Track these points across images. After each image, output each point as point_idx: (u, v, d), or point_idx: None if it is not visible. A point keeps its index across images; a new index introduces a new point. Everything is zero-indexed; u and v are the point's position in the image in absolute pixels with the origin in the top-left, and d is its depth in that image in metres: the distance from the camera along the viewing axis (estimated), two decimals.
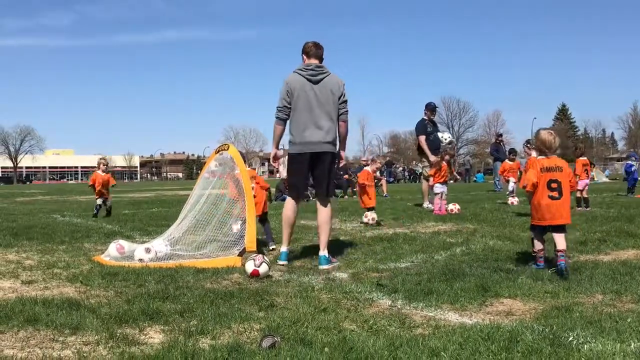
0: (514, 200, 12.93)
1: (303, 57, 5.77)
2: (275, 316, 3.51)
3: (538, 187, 5.01)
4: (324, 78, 5.61)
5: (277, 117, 5.71)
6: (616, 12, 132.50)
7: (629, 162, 16.60)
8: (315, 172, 5.76)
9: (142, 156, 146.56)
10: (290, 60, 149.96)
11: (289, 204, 5.86)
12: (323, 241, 5.60)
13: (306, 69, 5.62)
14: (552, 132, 5.23)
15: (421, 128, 12.13)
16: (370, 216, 9.07)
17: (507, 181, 13.78)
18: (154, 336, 3.20)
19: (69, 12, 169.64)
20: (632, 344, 2.85)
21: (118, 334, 3.17)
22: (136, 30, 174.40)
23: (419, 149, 12.28)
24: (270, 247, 6.60)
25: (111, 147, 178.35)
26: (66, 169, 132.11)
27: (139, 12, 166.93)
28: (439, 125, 13.45)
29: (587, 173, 11.69)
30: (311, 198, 17.05)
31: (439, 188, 10.84)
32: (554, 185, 4.97)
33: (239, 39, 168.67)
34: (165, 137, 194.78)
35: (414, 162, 50.80)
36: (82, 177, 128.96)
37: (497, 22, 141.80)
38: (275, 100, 5.71)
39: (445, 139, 12.02)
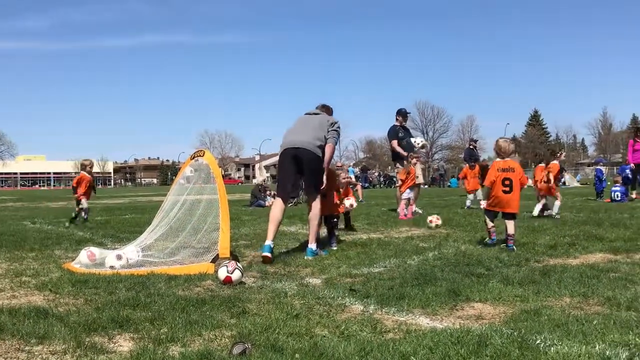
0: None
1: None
2: (247, 323, 3.49)
3: (495, 183, 6.57)
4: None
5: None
6: (585, 20, 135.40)
7: (599, 167, 16.96)
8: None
9: (115, 162, 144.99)
10: (266, 65, 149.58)
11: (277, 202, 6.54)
12: (311, 234, 6.37)
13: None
14: (507, 140, 6.90)
15: (392, 133, 12.23)
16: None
17: (471, 192, 13.92)
18: (124, 344, 3.17)
19: (45, 15, 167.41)
20: (597, 345, 2.91)
21: (86, 343, 3.12)
22: (112, 34, 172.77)
23: (394, 154, 12.36)
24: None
25: (84, 152, 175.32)
26: (38, 175, 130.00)
27: (115, 16, 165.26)
28: (413, 130, 13.57)
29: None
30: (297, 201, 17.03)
31: (407, 194, 10.96)
32: (507, 182, 6.54)
33: (215, 44, 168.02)
34: (139, 142, 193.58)
35: (389, 168, 51.12)
36: (54, 183, 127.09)
37: (471, 29, 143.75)
38: (252, 105, 5.97)
39: (418, 144, 12.13)
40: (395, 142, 12.06)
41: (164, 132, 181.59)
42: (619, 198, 14.30)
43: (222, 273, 4.74)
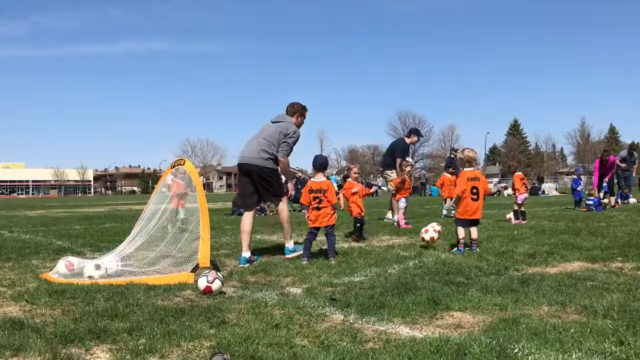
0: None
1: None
2: (227, 333, 3.47)
3: (465, 192, 6.98)
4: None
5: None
6: (565, 33, 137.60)
7: (575, 177, 17.21)
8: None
9: (96, 170, 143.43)
10: (248, 72, 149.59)
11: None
12: (286, 235, 7.08)
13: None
14: (473, 150, 7.47)
15: (402, 152, 12.25)
16: None
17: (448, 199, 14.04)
18: (101, 355, 3.13)
19: (24, 22, 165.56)
20: (574, 354, 2.94)
21: (62, 354, 3.08)
22: (90, 41, 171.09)
23: (389, 164, 12.38)
24: (331, 261, 6.40)
25: (64, 160, 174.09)
26: (16, 183, 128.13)
27: (93, 23, 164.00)
28: (394, 138, 13.70)
29: (525, 187, 12.10)
30: (267, 212, 17.03)
31: (403, 202, 11.11)
32: (474, 190, 7.01)
33: (196, 52, 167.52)
34: (120, 150, 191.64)
35: (371, 176, 51.24)
36: (33, 191, 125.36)
37: (452, 39, 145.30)
38: (234, 113, 6.03)
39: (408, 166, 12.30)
40: (399, 160, 12.07)
41: (145, 140, 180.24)
42: (595, 210, 14.55)
43: (202, 283, 4.71)
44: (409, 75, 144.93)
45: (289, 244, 7.00)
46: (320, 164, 7.04)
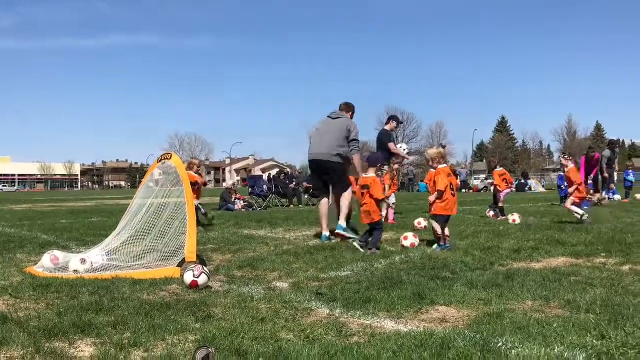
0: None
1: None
2: (212, 327, 3.47)
3: (447, 188, 6.96)
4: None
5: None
6: (552, 30, 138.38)
7: (561, 173, 17.32)
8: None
9: (83, 164, 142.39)
10: (236, 68, 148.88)
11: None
12: (342, 215, 7.87)
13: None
14: (440, 146, 8.23)
15: (387, 137, 12.23)
16: None
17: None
18: (85, 349, 3.11)
19: (11, 13, 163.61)
20: (556, 348, 2.97)
21: (46, 348, 3.06)
22: (77, 34, 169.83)
23: (387, 159, 12.39)
24: (368, 253, 6.58)
25: (51, 154, 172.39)
26: (2, 177, 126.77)
27: (80, 16, 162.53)
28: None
29: (506, 183, 12.17)
30: (256, 208, 17.01)
31: (393, 198, 11.13)
32: (452, 186, 7.07)
33: (186, 47, 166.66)
34: (107, 144, 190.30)
35: None
36: (19, 185, 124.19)
37: (440, 36, 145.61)
38: (223, 108, 6.26)
39: (404, 150, 12.25)
40: (392, 145, 12.06)
41: (133, 135, 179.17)
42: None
43: (189, 277, 4.70)
44: (398, 72, 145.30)
45: (342, 222, 7.78)
46: (368, 159, 7.42)
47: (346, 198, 7.97)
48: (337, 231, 7.72)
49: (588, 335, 3.20)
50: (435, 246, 6.83)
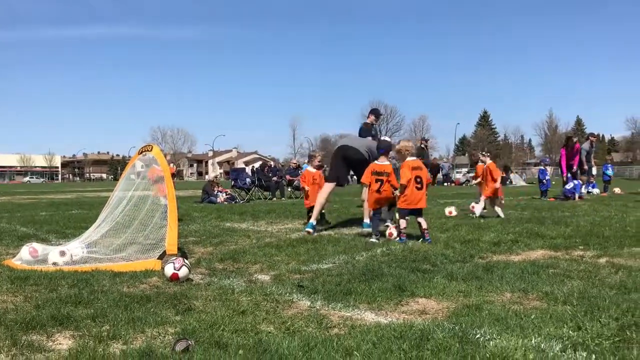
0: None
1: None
2: (192, 320, 3.46)
3: (410, 181, 6.96)
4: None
5: None
6: (533, 24, 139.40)
7: (541, 167, 17.50)
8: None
9: (63, 156, 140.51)
10: (218, 60, 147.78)
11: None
12: (365, 213, 8.11)
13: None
14: (409, 140, 8.21)
15: (366, 132, 12.22)
16: None
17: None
18: (63, 342, 3.09)
19: None
20: (533, 339, 3.01)
21: (23, 341, 3.03)
22: (58, 24, 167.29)
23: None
24: (384, 224, 7.84)
25: (30, 146, 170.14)
26: None
27: (62, 5, 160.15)
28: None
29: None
30: (239, 201, 16.96)
31: None
32: (418, 179, 7.02)
33: (168, 38, 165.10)
34: (89, 136, 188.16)
35: None
36: None
37: (422, 30, 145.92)
38: (205, 100, 6.23)
39: None
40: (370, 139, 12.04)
41: (114, 126, 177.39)
42: (576, 192, 15.12)
43: (169, 270, 4.68)
44: (381, 66, 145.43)
45: (366, 220, 8.08)
46: (383, 147, 7.57)
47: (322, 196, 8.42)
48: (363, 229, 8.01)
49: (564, 326, 3.24)
50: (397, 239, 7.05)
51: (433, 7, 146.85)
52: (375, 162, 7.49)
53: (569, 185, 15.32)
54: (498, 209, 10.10)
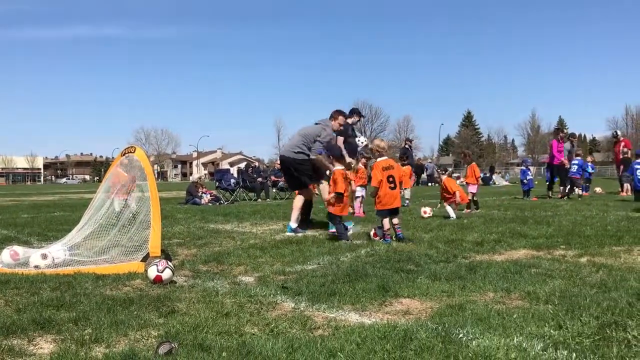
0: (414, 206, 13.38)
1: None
2: (175, 322, 3.44)
3: (382, 182, 6.91)
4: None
5: None
6: (515, 24, 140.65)
7: (523, 168, 17.63)
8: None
9: (46, 157, 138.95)
10: (203, 60, 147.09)
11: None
12: (292, 215, 8.31)
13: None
14: (382, 139, 7.81)
15: (343, 131, 12.22)
16: None
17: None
18: (44, 346, 3.06)
19: None
20: (515, 338, 3.04)
21: (3, 345, 3.00)
22: (40, 24, 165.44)
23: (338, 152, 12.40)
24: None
25: (12, 147, 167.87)
26: None
27: (44, 5, 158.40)
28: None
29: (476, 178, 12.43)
30: (223, 202, 16.92)
31: (359, 191, 11.21)
32: (391, 179, 6.95)
33: (151, 38, 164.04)
34: (71, 137, 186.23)
35: None
36: None
37: (406, 30, 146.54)
38: (189, 100, 6.34)
39: (362, 142, 12.28)
40: (341, 140, 12.04)
41: (97, 128, 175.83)
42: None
43: (152, 272, 4.66)
44: (365, 66, 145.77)
45: (293, 224, 8.24)
46: (327, 151, 7.81)
47: (324, 192, 8.32)
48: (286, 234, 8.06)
49: (546, 325, 3.28)
50: (382, 240, 6.97)
51: (417, 7, 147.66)
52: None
53: (574, 168, 16.09)
54: (449, 209, 10.14)
